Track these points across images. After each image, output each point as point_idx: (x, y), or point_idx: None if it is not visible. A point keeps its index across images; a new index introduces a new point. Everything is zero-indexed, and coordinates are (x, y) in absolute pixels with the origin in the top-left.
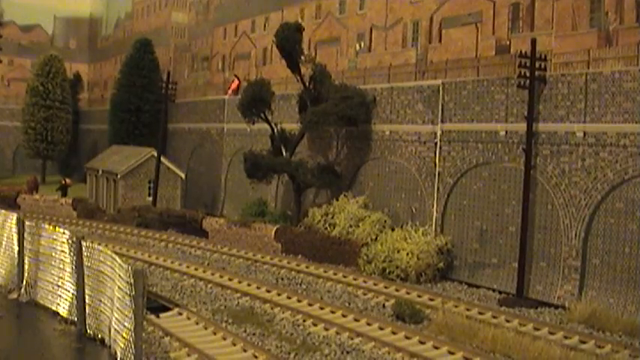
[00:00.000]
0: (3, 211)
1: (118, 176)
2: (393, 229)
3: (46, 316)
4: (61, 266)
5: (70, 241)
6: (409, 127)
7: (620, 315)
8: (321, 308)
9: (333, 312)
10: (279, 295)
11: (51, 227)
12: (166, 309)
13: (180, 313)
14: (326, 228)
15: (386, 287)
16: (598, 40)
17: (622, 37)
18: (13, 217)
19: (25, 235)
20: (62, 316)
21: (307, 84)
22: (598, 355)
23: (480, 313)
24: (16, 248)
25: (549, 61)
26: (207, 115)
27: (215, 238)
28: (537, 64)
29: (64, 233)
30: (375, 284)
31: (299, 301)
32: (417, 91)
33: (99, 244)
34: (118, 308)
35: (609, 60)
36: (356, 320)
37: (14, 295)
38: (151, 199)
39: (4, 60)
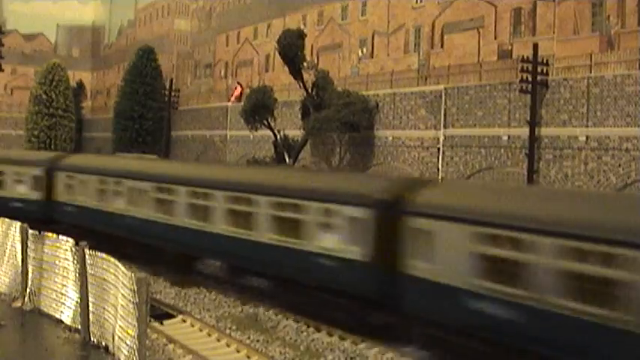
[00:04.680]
0: (7, 219)
1: None
2: None
3: (50, 324)
4: (65, 274)
5: (73, 249)
6: (412, 133)
7: None
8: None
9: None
10: (283, 299)
11: (54, 235)
12: (170, 316)
13: (184, 320)
14: None
15: None
16: (600, 44)
17: (624, 40)
18: (17, 225)
19: (29, 243)
20: (66, 324)
21: (310, 90)
22: None
23: None
24: (19, 256)
25: (551, 66)
26: (210, 122)
27: None
28: (539, 69)
29: (67, 241)
30: None
31: (304, 304)
32: (419, 97)
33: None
34: (121, 315)
35: (611, 64)
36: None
37: (18, 304)
38: None
39: (7, 69)
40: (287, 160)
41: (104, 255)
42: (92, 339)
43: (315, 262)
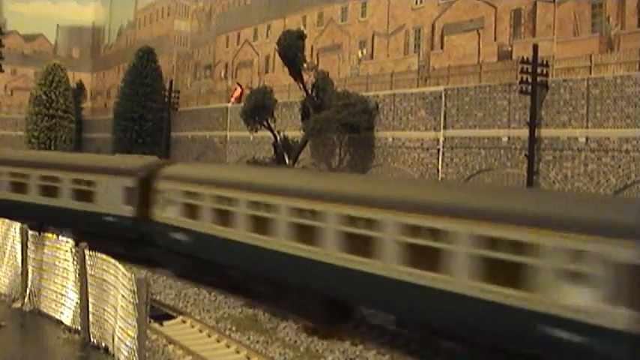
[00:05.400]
0: (7, 220)
1: None
2: None
3: (50, 324)
4: (65, 275)
5: (73, 250)
6: (412, 134)
7: None
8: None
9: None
10: (282, 301)
11: (54, 236)
12: (170, 317)
13: (184, 321)
14: None
15: None
16: (600, 45)
17: (624, 42)
18: (17, 226)
19: (29, 244)
20: (66, 325)
21: (310, 91)
22: None
23: None
24: (19, 257)
25: (551, 67)
26: (210, 123)
27: None
28: (539, 70)
29: (67, 242)
30: None
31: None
32: (419, 98)
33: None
34: (121, 316)
35: (611, 65)
36: (359, 327)
37: (18, 304)
38: None
39: (7, 69)
40: (287, 161)
41: (104, 256)
42: (92, 340)
43: None
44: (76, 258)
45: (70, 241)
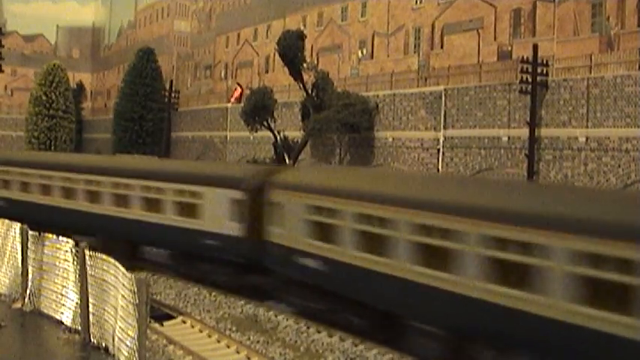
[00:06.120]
0: (6, 220)
1: None
2: None
3: (50, 325)
4: (65, 275)
5: (73, 250)
6: (412, 134)
7: None
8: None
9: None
10: (283, 300)
11: (54, 236)
12: (170, 317)
13: (184, 321)
14: None
15: None
16: (599, 44)
17: (623, 41)
18: (17, 226)
19: (29, 244)
20: (66, 325)
21: (310, 91)
22: None
23: None
24: (19, 257)
25: (551, 67)
26: (210, 124)
27: None
28: (539, 70)
29: (67, 242)
30: None
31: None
32: (419, 98)
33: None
34: (121, 317)
35: (611, 65)
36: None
37: (18, 305)
38: None
39: (7, 70)
40: (287, 161)
41: (104, 256)
42: (92, 340)
43: None
44: (76, 258)
45: (70, 241)
